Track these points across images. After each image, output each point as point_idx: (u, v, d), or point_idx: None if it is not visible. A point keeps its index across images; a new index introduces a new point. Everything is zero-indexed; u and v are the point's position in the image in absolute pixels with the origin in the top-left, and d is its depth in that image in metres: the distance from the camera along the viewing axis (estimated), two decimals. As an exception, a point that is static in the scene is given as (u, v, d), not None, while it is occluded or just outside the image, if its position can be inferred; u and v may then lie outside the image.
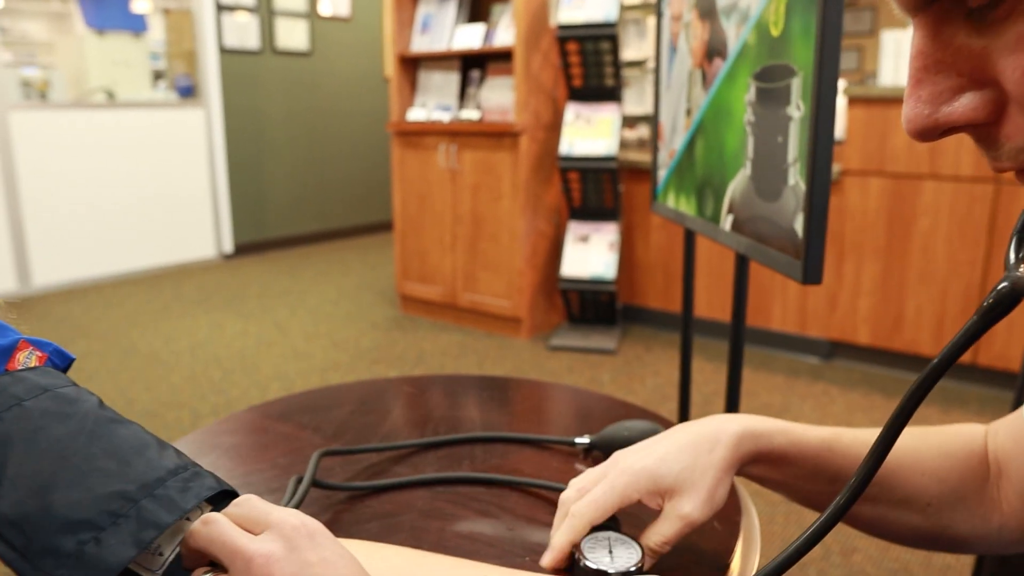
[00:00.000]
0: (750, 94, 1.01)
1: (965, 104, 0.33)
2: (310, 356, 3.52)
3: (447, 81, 3.92)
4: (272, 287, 4.87)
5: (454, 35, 3.79)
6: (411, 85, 4.05)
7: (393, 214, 4.17)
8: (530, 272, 3.68)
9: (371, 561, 0.56)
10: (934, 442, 0.66)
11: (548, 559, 0.62)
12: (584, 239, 3.66)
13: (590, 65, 3.45)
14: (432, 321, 4.02)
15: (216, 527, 0.48)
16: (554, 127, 3.67)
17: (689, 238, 1.60)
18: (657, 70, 1.49)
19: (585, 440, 0.87)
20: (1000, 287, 0.35)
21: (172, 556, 0.50)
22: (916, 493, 0.63)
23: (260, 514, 0.48)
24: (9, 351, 0.55)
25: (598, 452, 0.86)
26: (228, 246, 5.80)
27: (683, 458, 0.61)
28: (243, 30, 5.62)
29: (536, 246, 3.70)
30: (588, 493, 0.62)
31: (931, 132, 0.34)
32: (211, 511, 0.52)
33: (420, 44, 3.90)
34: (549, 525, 0.68)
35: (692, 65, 1.26)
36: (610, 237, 3.63)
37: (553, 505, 0.69)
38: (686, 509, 0.60)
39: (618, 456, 0.64)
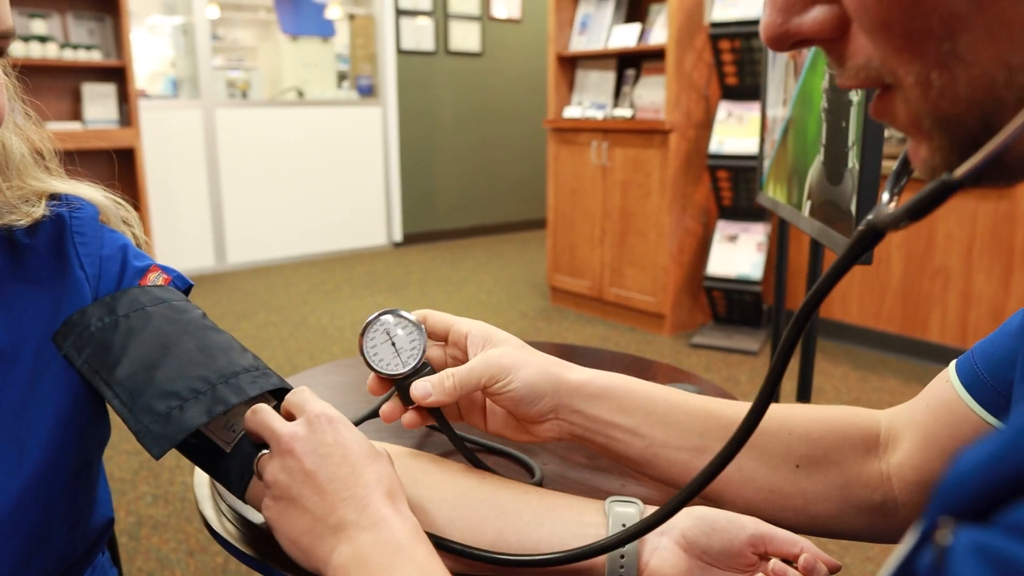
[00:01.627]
0: (825, 81, 1.03)
1: (814, 17, 0.33)
2: (459, 339, 3.72)
3: (603, 80, 4.01)
4: (433, 275, 5.16)
5: (611, 35, 3.87)
6: (568, 84, 4.17)
7: (547, 208, 4.31)
8: (676, 269, 3.70)
9: (404, 460, 0.67)
10: (812, 409, 0.66)
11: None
12: (732, 238, 3.64)
13: (744, 63, 3.43)
14: (578, 313, 4.12)
15: (260, 415, 0.61)
16: (705, 125, 3.67)
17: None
18: (764, 63, 1.52)
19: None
20: (864, 225, 0.37)
21: (242, 433, 0.65)
22: (783, 450, 0.63)
23: (300, 403, 0.61)
24: (143, 271, 0.72)
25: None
26: (398, 235, 6.18)
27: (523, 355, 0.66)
28: (420, 33, 5.96)
29: (683, 244, 3.72)
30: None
31: (782, 41, 0.35)
32: (275, 404, 0.66)
33: (578, 44, 4.01)
34: (577, 468, 0.77)
35: (787, 56, 1.29)
36: (758, 237, 3.58)
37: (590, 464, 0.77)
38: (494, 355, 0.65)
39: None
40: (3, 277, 0.65)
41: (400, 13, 5.86)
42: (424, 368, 0.66)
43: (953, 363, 0.62)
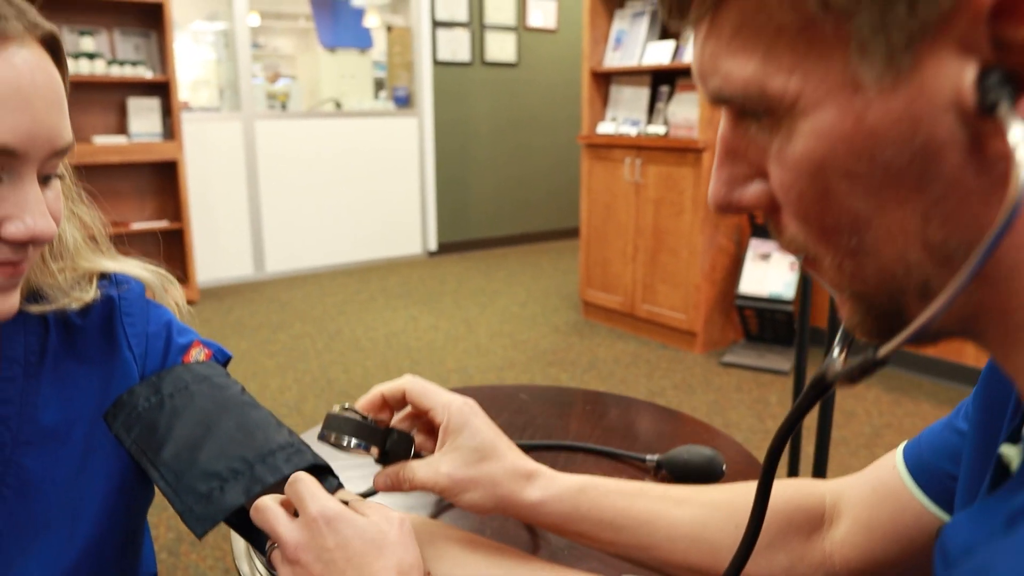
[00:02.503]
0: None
1: (752, 192, 0.40)
2: (491, 353, 3.76)
3: (637, 95, 4.02)
4: (467, 286, 5.21)
5: (645, 51, 3.88)
6: (602, 99, 4.19)
7: (580, 222, 4.34)
8: (708, 287, 3.71)
9: (431, 539, 0.70)
10: (746, 505, 0.68)
11: None
12: (765, 257, 3.63)
13: (779, 82, 3.42)
14: (610, 328, 4.14)
15: (264, 514, 0.60)
16: (740, 143, 3.66)
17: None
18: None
19: (654, 458, 0.97)
20: (816, 375, 0.44)
21: None
22: (732, 540, 0.65)
23: (299, 499, 0.60)
24: (186, 348, 0.77)
25: (664, 471, 0.96)
26: (432, 244, 6.24)
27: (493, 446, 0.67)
28: (456, 44, 6.02)
29: (715, 262, 3.72)
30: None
31: (726, 209, 0.41)
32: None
33: (612, 60, 4.03)
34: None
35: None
36: (791, 257, 3.57)
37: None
38: (444, 468, 0.65)
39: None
40: (57, 357, 0.70)
41: (437, 24, 5.92)
42: (393, 438, 0.68)
43: (901, 447, 0.63)
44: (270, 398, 3.18)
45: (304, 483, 0.61)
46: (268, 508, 0.60)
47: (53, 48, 0.59)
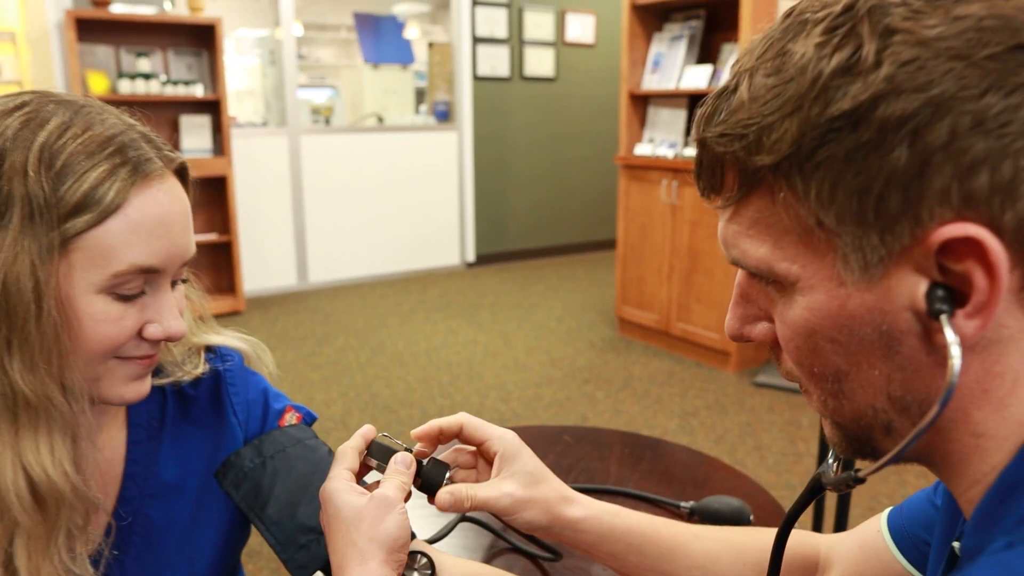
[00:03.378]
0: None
1: (759, 330, 0.52)
2: (528, 369, 3.87)
3: (674, 117, 4.10)
4: (505, 299, 5.32)
5: (683, 75, 3.96)
6: (640, 120, 4.27)
7: (616, 240, 4.42)
8: (742, 307, 3.77)
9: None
10: (766, 538, 0.77)
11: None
12: (799, 278, 3.68)
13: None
14: (645, 345, 4.22)
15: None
16: (776, 166, 3.72)
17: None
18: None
19: (688, 505, 1.07)
20: (813, 479, 0.56)
21: None
22: (735, 574, 0.75)
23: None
24: (280, 413, 0.88)
25: (697, 518, 1.06)
26: (471, 256, 6.37)
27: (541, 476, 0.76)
28: (495, 60, 6.14)
29: (750, 282, 3.78)
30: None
31: (738, 340, 0.53)
32: None
33: (650, 82, 4.11)
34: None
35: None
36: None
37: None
38: (507, 488, 0.73)
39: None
40: (174, 422, 0.82)
41: (477, 40, 6.05)
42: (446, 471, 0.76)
43: (886, 513, 0.73)
44: (316, 411, 3.31)
45: (338, 456, 0.73)
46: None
47: (183, 175, 0.70)
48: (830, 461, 0.55)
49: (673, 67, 4.02)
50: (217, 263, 5.07)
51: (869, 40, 0.41)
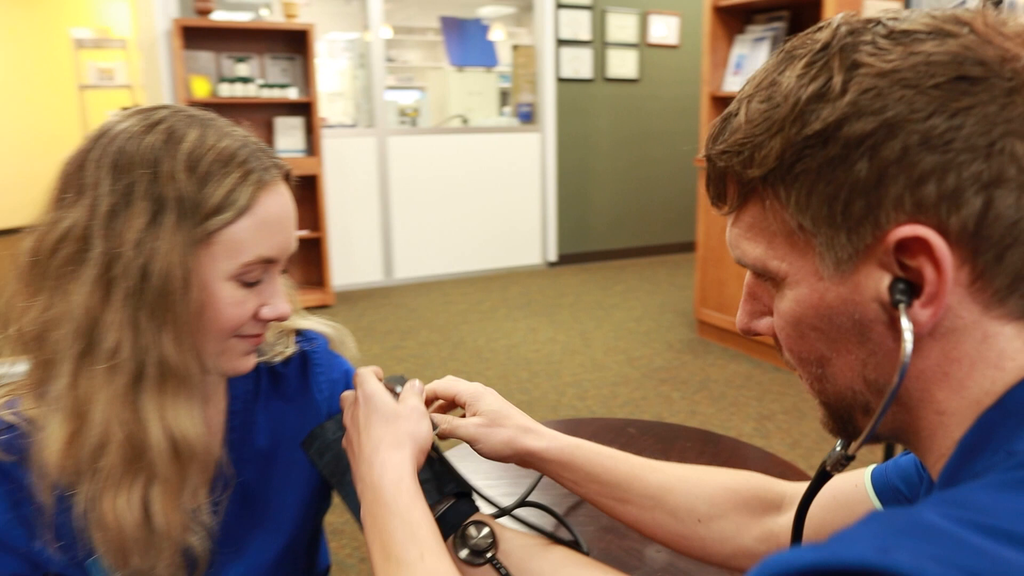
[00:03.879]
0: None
1: (764, 324, 0.59)
2: (606, 369, 3.91)
3: (757, 118, 4.07)
4: (585, 298, 5.36)
5: (767, 76, 3.93)
6: (723, 121, 4.25)
7: (696, 242, 4.42)
8: (824, 310, 3.71)
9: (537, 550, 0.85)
10: (722, 476, 0.84)
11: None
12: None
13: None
14: (724, 347, 4.20)
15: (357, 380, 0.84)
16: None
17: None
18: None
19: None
20: (820, 466, 0.62)
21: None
22: (689, 509, 0.81)
23: (358, 384, 0.82)
24: None
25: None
26: (552, 255, 6.44)
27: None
28: (579, 61, 6.19)
29: (833, 285, 3.72)
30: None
31: (747, 333, 0.60)
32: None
33: (732, 84, 4.09)
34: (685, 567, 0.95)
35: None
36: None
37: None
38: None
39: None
40: (267, 396, 0.91)
41: (560, 43, 6.11)
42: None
43: (869, 468, 0.77)
44: (399, 403, 3.43)
45: (365, 375, 0.82)
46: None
47: (288, 178, 0.80)
48: (837, 448, 0.61)
49: (755, 69, 3.98)
50: (308, 258, 5.28)
51: (838, 72, 0.48)
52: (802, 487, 0.82)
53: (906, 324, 0.48)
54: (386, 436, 0.75)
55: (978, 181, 0.45)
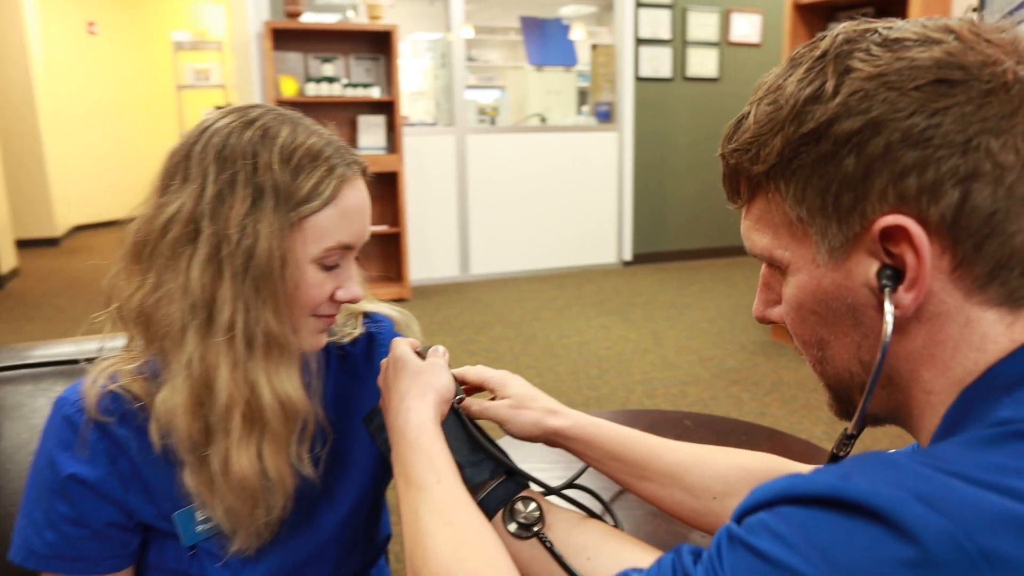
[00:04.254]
0: None
1: (776, 312, 0.63)
2: (676, 368, 3.91)
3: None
4: (659, 298, 5.36)
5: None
6: (802, 120, 4.19)
7: (772, 242, 4.36)
8: (903, 314, 3.63)
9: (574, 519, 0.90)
10: (737, 456, 0.86)
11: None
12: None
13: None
14: (795, 350, 4.13)
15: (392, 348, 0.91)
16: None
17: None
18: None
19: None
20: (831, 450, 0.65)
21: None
22: (704, 486, 0.84)
23: (391, 348, 0.90)
24: None
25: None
26: (627, 254, 6.44)
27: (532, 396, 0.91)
28: (658, 60, 6.17)
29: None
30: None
31: (763, 321, 0.65)
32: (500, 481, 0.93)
33: (813, 83, 4.03)
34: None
35: None
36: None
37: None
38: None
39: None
40: (336, 372, 0.99)
41: (640, 42, 6.10)
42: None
43: None
44: (470, 395, 3.52)
45: (397, 342, 0.89)
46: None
47: (365, 174, 0.87)
48: (845, 432, 0.64)
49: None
50: (386, 253, 5.44)
51: (831, 76, 0.53)
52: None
53: (888, 307, 0.52)
54: (412, 388, 0.83)
55: (955, 175, 0.49)
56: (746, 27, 6.42)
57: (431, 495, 0.73)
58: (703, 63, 6.32)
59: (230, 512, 0.83)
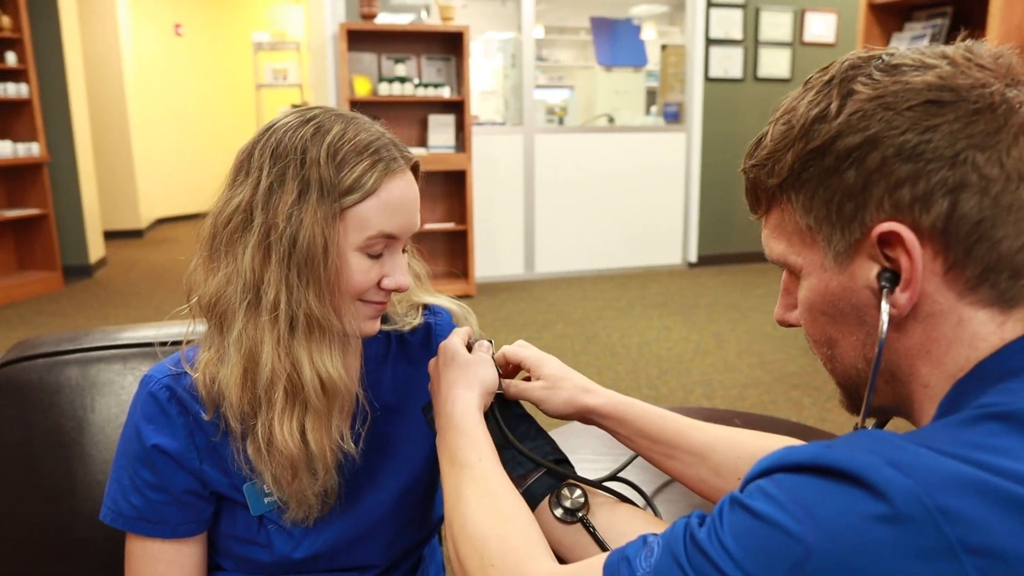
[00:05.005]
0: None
1: (795, 315, 0.68)
2: (736, 370, 3.90)
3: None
4: (722, 300, 5.33)
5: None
6: (874, 123, 4.12)
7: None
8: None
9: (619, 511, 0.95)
10: (764, 439, 0.90)
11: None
12: None
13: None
14: (865, 355, 4.08)
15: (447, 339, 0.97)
16: None
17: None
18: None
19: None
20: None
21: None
22: (731, 467, 0.88)
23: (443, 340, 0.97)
24: None
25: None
26: (692, 256, 6.41)
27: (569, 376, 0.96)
28: (728, 61, 6.13)
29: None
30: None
31: (783, 324, 0.70)
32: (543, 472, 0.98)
33: (886, 85, 3.96)
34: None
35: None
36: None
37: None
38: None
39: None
40: (395, 359, 1.06)
41: (711, 42, 6.07)
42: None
43: None
44: (530, 391, 3.58)
45: (452, 332, 0.96)
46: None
47: (415, 169, 0.94)
48: (859, 420, 0.68)
49: (913, 68, 3.84)
50: (453, 250, 5.54)
51: (836, 98, 0.59)
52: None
53: (884, 306, 0.57)
54: (460, 379, 0.89)
55: (945, 186, 0.54)
56: (821, 27, 6.31)
57: (472, 471, 0.79)
58: (775, 63, 6.25)
59: (275, 480, 0.90)
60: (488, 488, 0.78)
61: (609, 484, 1.00)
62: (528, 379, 0.99)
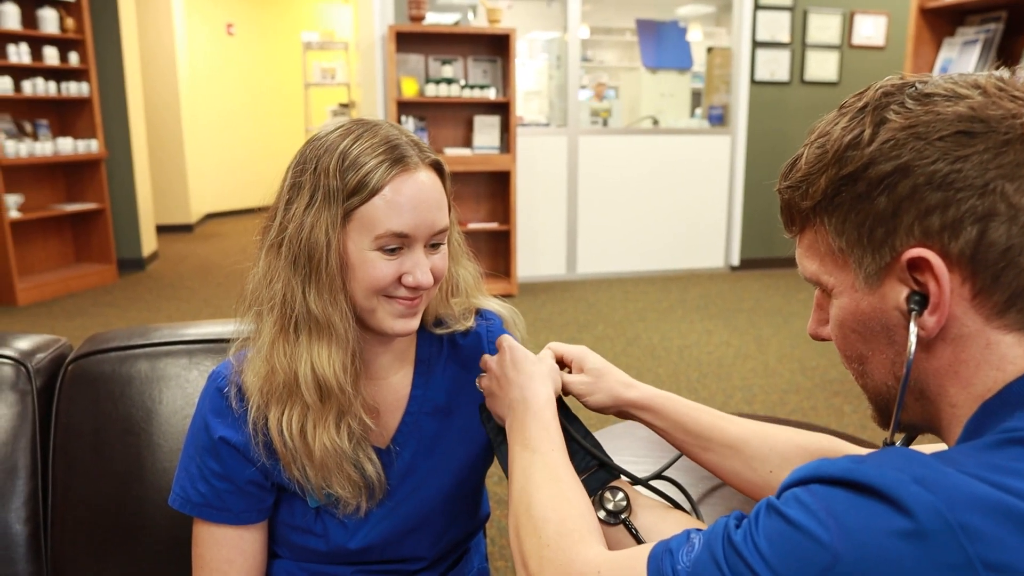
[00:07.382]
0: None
1: (826, 330, 0.70)
2: (777, 375, 3.89)
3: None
4: (764, 304, 5.30)
5: (974, 82, 3.73)
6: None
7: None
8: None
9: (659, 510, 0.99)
10: (793, 434, 0.92)
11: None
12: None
13: None
14: (909, 363, 4.03)
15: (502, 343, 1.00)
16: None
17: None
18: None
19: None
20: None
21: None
22: (762, 460, 0.92)
23: (502, 342, 1.00)
24: None
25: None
26: (735, 259, 6.38)
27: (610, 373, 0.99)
28: (775, 64, 6.08)
29: None
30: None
31: (816, 338, 0.72)
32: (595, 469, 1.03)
33: (936, 90, 3.92)
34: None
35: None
36: None
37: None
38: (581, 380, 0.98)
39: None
40: (447, 361, 1.11)
41: (757, 45, 6.03)
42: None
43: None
44: (570, 391, 3.61)
45: (508, 338, 0.99)
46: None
47: (439, 169, 0.97)
48: (888, 434, 0.71)
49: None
50: (496, 250, 5.59)
51: (869, 126, 0.61)
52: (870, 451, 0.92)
53: (912, 328, 0.60)
54: (536, 373, 0.93)
55: (974, 214, 0.56)
56: (870, 29, 6.24)
57: (545, 458, 0.84)
58: (823, 66, 6.19)
59: (305, 476, 0.96)
60: (557, 475, 0.82)
61: (655, 483, 1.04)
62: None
